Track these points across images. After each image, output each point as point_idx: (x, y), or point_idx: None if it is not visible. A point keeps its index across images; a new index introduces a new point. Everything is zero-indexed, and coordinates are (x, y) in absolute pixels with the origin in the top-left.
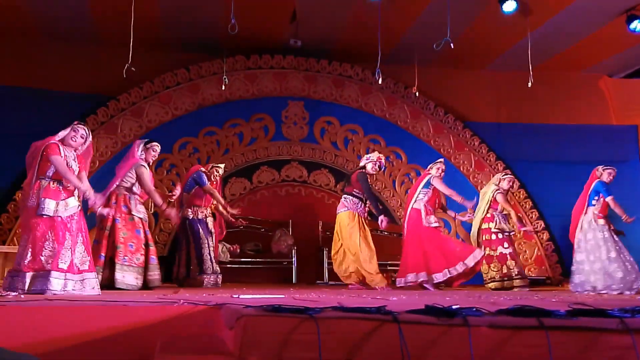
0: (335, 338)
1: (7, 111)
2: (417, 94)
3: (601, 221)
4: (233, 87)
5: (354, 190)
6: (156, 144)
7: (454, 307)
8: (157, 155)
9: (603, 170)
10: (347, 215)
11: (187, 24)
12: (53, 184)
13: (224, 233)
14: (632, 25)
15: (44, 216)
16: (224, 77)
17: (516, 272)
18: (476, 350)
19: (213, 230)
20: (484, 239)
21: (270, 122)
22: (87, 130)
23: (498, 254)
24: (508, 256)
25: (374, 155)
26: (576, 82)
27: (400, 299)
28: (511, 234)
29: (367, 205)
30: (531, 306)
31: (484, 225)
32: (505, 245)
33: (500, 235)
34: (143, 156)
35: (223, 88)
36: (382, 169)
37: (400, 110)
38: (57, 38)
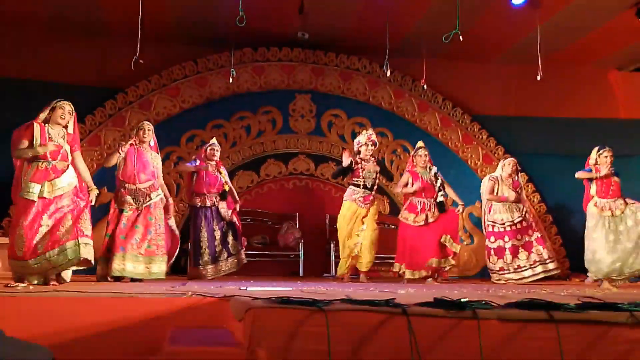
0: (344, 330)
1: (14, 103)
2: (425, 86)
3: None
4: (241, 80)
5: (353, 178)
6: (145, 122)
7: (463, 300)
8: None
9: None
10: (344, 205)
11: (195, 16)
12: (42, 164)
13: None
14: None
15: (29, 200)
16: (232, 70)
17: (499, 267)
18: (485, 343)
19: (227, 217)
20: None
21: (278, 115)
22: (71, 106)
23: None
24: (492, 250)
25: (363, 138)
26: (585, 76)
27: (408, 291)
28: (517, 222)
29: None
30: (541, 299)
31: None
32: (492, 239)
33: (490, 228)
34: (137, 140)
35: (231, 81)
36: (376, 144)
37: (408, 103)
38: (65, 30)
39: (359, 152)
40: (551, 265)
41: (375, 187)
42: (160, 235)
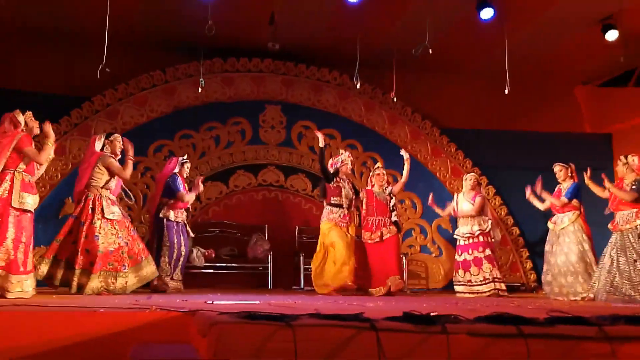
0: (312, 346)
1: None
2: (395, 99)
3: None
4: (210, 89)
5: (331, 198)
6: (117, 134)
7: (432, 314)
8: (121, 146)
9: None
10: (322, 226)
11: (164, 24)
12: (26, 177)
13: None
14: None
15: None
16: (201, 79)
17: (467, 280)
18: (455, 358)
19: (192, 234)
20: None
21: (247, 125)
22: None
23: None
24: (459, 264)
25: (345, 156)
26: (551, 90)
27: (377, 305)
28: (477, 234)
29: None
30: (510, 314)
31: None
32: (459, 252)
33: (458, 242)
34: (109, 150)
35: (200, 91)
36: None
37: (378, 115)
38: (31, 37)
39: (337, 172)
40: (503, 286)
41: (353, 207)
42: (137, 240)
